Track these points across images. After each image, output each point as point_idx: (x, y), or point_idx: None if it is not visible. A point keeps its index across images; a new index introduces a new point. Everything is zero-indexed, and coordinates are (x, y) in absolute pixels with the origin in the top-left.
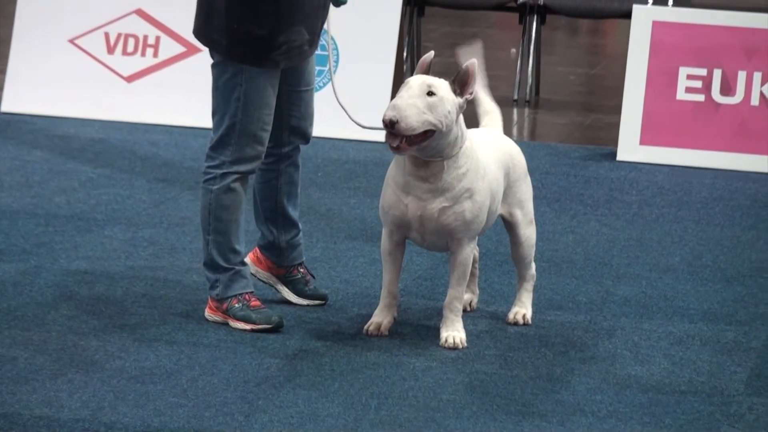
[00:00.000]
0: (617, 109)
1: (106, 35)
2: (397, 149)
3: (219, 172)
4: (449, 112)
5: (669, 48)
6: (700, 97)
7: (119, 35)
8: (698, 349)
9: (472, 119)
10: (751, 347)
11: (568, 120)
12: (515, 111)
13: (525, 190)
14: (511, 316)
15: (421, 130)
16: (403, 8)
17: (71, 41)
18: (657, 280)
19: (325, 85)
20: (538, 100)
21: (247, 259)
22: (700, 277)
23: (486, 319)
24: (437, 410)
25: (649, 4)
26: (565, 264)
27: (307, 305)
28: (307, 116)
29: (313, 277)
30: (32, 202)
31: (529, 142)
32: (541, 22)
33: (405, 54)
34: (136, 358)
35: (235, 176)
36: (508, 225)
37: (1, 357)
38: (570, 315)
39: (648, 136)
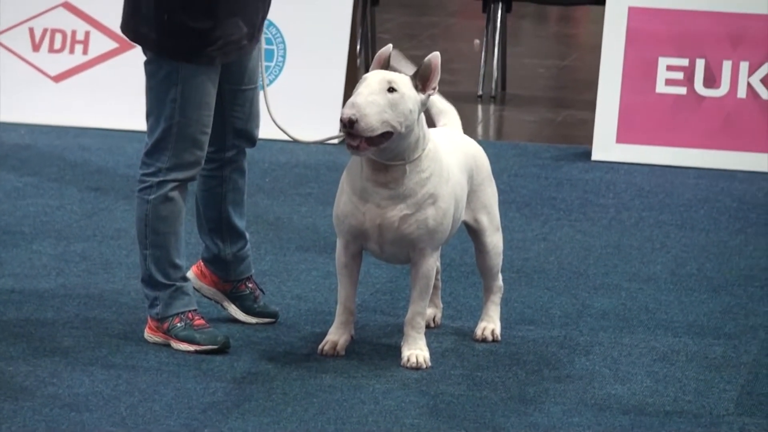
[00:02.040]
0: (591, 105)
1: (31, 31)
2: (356, 149)
3: (155, 180)
4: (410, 110)
5: (647, 36)
6: (682, 90)
7: (45, 30)
8: (684, 366)
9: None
10: (741, 362)
11: (537, 117)
12: (479, 108)
13: (490, 193)
14: (478, 332)
15: (383, 130)
16: None
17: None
18: (637, 290)
19: (270, 83)
20: (504, 96)
21: (190, 274)
22: (685, 286)
23: (451, 336)
24: None
25: None
26: (537, 274)
27: (256, 323)
28: (252, 117)
29: (263, 293)
30: None
31: (495, 141)
32: (507, 10)
33: (358, 48)
34: (69, 384)
35: (174, 184)
36: (473, 232)
37: None
38: (543, 330)
39: (625, 134)
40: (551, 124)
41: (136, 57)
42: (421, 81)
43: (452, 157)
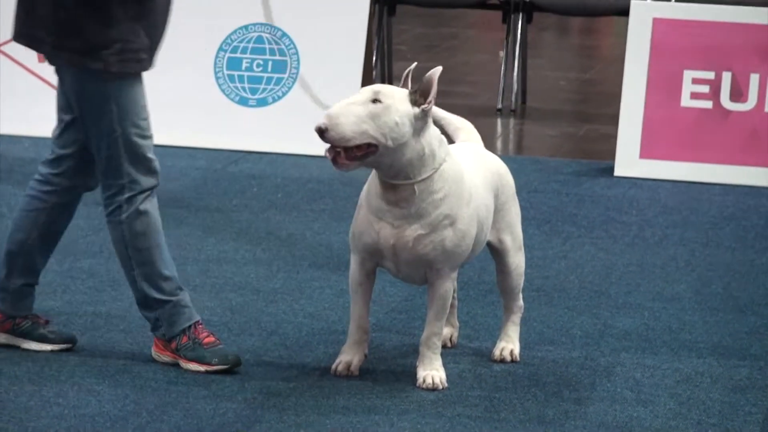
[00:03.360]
0: (614, 119)
1: None
2: (335, 162)
3: (122, 197)
4: (397, 123)
5: (672, 48)
6: (708, 104)
7: None
8: (708, 388)
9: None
10: (767, 384)
11: (558, 131)
12: (499, 121)
13: (514, 213)
14: (497, 352)
15: (359, 141)
16: (371, 7)
17: None
18: (661, 310)
19: (283, 95)
20: (524, 110)
21: None
22: (710, 306)
23: (469, 356)
24: None
25: (649, 0)
26: (557, 293)
27: (51, 350)
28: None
29: (48, 322)
30: None
31: (515, 156)
32: (528, 21)
33: (374, 58)
34: (75, 405)
35: (143, 196)
36: (496, 252)
37: None
38: (564, 350)
39: (649, 149)
40: (573, 139)
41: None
42: (422, 96)
43: (477, 176)
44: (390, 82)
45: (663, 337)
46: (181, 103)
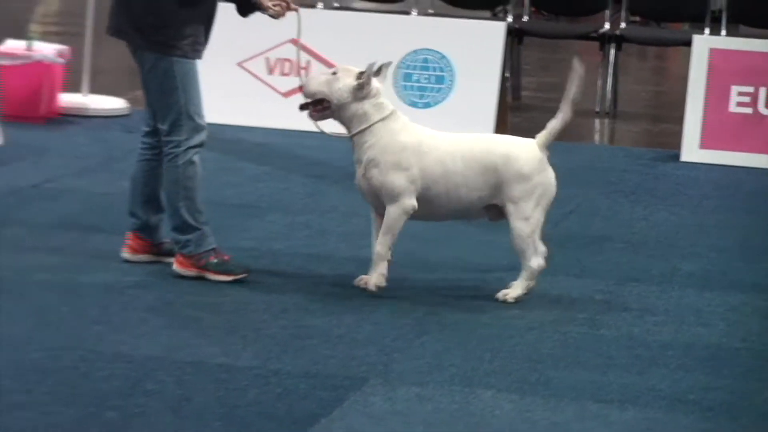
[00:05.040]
0: (680, 120)
1: (267, 60)
2: (309, 113)
3: (180, 150)
4: (339, 88)
5: (723, 70)
6: (749, 110)
7: (277, 60)
8: (750, 315)
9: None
10: None
11: (640, 128)
12: (597, 121)
13: (520, 189)
14: (499, 294)
15: (318, 96)
16: (506, 37)
17: (239, 64)
18: (715, 258)
19: (442, 100)
20: (616, 112)
21: (126, 255)
22: (750, 256)
23: (577, 290)
24: (538, 362)
25: (707, 34)
26: (641, 245)
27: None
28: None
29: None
30: (207, 194)
31: (608, 146)
32: (618, 49)
33: (507, 74)
34: (295, 318)
35: (194, 150)
36: (504, 214)
37: (188, 317)
38: (645, 286)
39: (706, 142)
40: (650, 134)
41: None
42: (364, 77)
43: (449, 145)
44: (518, 93)
45: (717, 277)
46: None
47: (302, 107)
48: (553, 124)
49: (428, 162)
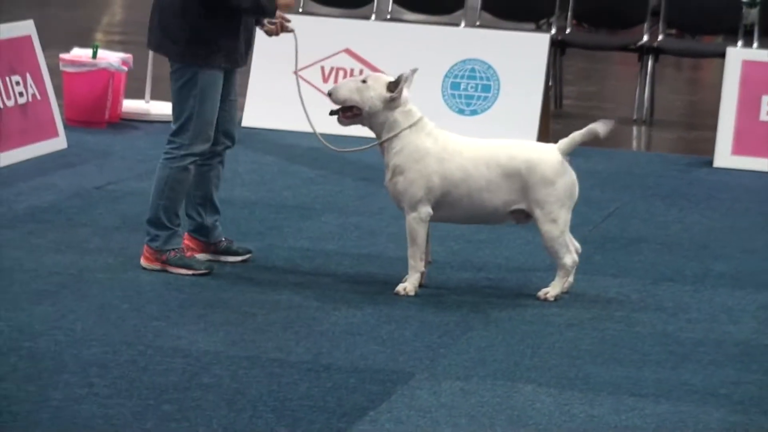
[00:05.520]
0: (713, 128)
1: (322, 68)
2: (339, 118)
3: (179, 153)
4: (371, 97)
5: (754, 81)
6: None
7: (332, 68)
8: None
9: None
10: None
11: (675, 135)
12: (634, 128)
13: (545, 193)
14: (540, 293)
15: (348, 104)
16: (549, 48)
17: (295, 73)
18: (746, 259)
19: (488, 108)
20: (652, 120)
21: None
22: None
23: (615, 289)
24: (577, 357)
25: (739, 47)
26: (675, 246)
27: (242, 260)
28: (234, 121)
29: (232, 241)
30: (266, 195)
31: (645, 152)
32: (655, 60)
33: (550, 83)
34: (345, 315)
35: (192, 159)
36: (532, 219)
37: (244, 313)
38: (678, 285)
39: (738, 148)
40: (685, 141)
41: None
42: (395, 87)
43: (470, 150)
44: (560, 101)
45: (747, 277)
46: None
47: (332, 112)
48: (577, 134)
49: (450, 167)
